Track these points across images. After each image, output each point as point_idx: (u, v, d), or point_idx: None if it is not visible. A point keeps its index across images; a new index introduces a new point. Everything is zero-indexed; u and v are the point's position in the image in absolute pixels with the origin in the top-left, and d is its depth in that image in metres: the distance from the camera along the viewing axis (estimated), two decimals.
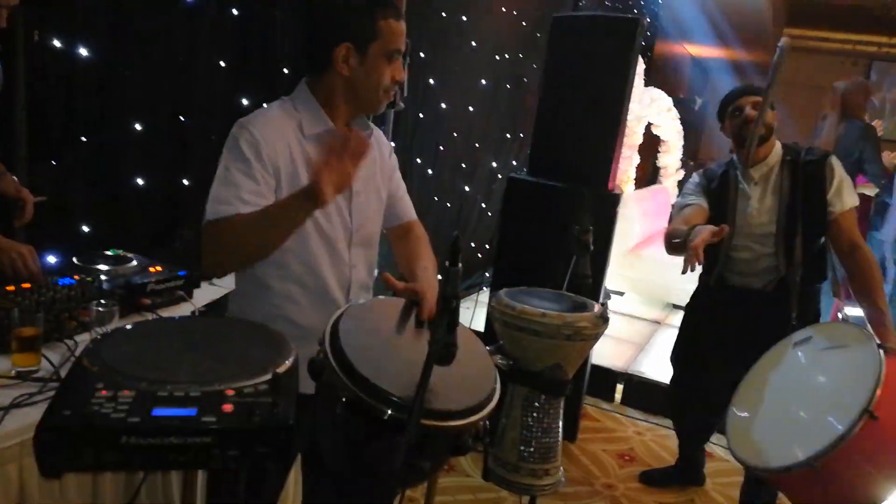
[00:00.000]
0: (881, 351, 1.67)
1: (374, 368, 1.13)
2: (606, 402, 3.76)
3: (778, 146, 2.36)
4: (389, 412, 1.08)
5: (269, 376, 1.00)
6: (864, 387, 1.60)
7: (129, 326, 1.15)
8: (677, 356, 2.76)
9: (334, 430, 1.17)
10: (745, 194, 2.35)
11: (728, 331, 2.43)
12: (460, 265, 1.14)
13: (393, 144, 1.75)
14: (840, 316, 3.49)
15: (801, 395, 1.82)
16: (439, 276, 1.48)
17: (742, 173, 2.38)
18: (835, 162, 2.30)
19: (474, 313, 3.63)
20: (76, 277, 1.88)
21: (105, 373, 0.95)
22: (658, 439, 3.40)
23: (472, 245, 5.02)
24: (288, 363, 1.06)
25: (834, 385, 1.76)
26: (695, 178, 2.55)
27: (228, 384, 0.96)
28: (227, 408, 0.91)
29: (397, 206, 1.70)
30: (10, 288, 1.72)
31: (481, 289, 4.88)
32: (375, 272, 1.66)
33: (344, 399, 1.11)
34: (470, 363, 1.31)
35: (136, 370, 0.96)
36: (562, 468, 1.76)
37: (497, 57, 4.75)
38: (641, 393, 3.75)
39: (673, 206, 2.58)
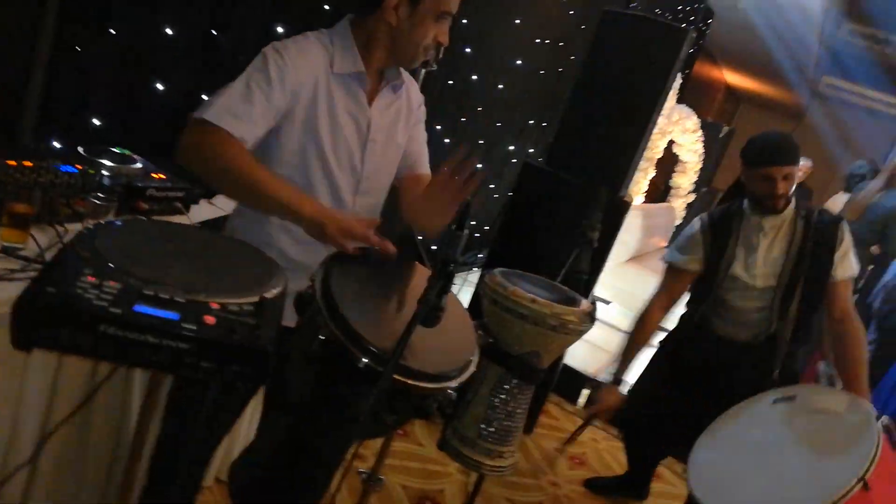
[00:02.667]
0: (879, 422, 1.65)
1: (359, 315, 1.13)
2: (569, 404, 3.78)
3: (792, 201, 2.30)
4: (365, 361, 1.08)
5: (256, 298, 0.99)
6: (859, 454, 1.56)
7: (127, 221, 1.13)
8: (642, 389, 2.71)
9: (307, 366, 1.17)
10: (750, 244, 2.29)
11: (704, 377, 2.40)
12: (466, 231, 1.14)
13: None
14: (820, 371, 3.51)
15: (784, 455, 1.75)
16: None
17: (752, 223, 2.30)
18: (846, 227, 2.27)
19: (460, 291, 3.64)
20: (78, 167, 1.86)
21: (94, 260, 0.94)
22: (612, 450, 3.44)
23: (473, 223, 5.01)
24: (277, 290, 1.05)
25: (824, 450, 1.70)
26: (695, 225, 2.42)
27: (215, 297, 0.95)
28: (210, 320, 0.91)
29: (412, 157, 1.67)
30: (12, 162, 1.70)
31: (472, 269, 4.88)
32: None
33: (322, 338, 1.11)
34: (453, 332, 1.31)
35: (126, 264, 0.95)
36: (516, 455, 1.77)
37: (538, 40, 4.69)
38: None
39: (667, 255, 2.50)
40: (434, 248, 3.66)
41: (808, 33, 8.29)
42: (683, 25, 6.61)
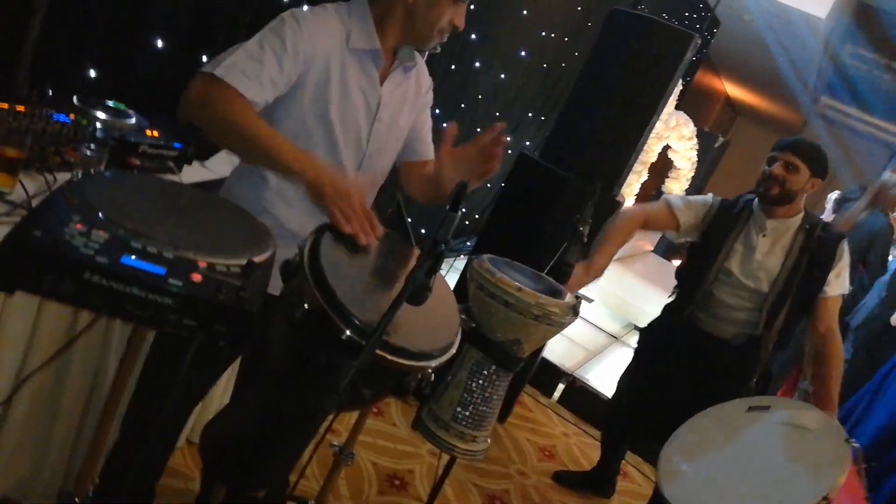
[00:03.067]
0: (849, 445, 1.67)
1: (346, 287, 1.13)
2: (544, 397, 3.81)
3: (802, 212, 2.32)
4: (348, 332, 1.08)
5: (244, 261, 0.99)
6: (826, 473, 1.60)
7: (119, 173, 1.12)
8: (627, 378, 2.75)
9: (289, 333, 1.17)
10: (750, 242, 2.32)
11: (684, 371, 2.43)
12: (459, 213, 1.14)
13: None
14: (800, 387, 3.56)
15: (752, 463, 1.80)
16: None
17: (757, 220, 2.34)
18: (846, 246, 2.31)
19: (445, 276, 3.65)
20: (72, 116, 1.84)
21: (84, 208, 0.93)
22: (582, 445, 3.47)
23: (463, 210, 5.00)
24: (265, 255, 1.05)
25: (791, 464, 1.75)
26: (710, 197, 2.48)
27: (203, 256, 0.95)
28: (196, 277, 0.90)
29: (419, 143, 1.68)
30: (4, 105, 1.67)
31: (458, 255, 4.88)
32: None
33: (307, 306, 1.10)
34: (438, 313, 1.31)
35: (116, 215, 0.94)
36: (489, 441, 1.78)
37: (543, 33, 4.68)
38: (579, 398, 3.81)
39: (670, 195, 2.54)
40: (423, 231, 3.66)
41: (812, 52, 8.33)
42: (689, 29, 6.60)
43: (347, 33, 1.43)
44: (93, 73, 2.22)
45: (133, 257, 0.88)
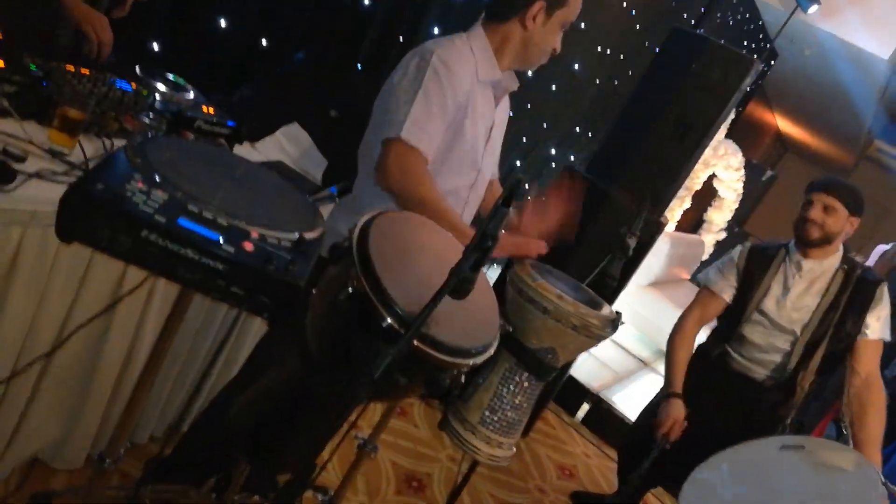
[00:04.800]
0: (885, 487, 1.63)
1: (391, 275, 1.11)
2: (567, 415, 3.76)
3: (840, 253, 2.27)
4: (389, 320, 1.07)
5: (295, 236, 0.98)
6: None
7: (179, 139, 1.13)
8: (648, 418, 2.67)
9: (330, 315, 1.16)
10: (786, 283, 2.28)
11: (714, 410, 2.35)
12: (511, 208, 1.12)
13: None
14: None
15: (782, 501, 1.76)
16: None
17: (794, 261, 2.29)
18: (886, 290, 2.24)
19: None
20: (133, 85, 1.87)
21: (145, 168, 0.94)
22: (602, 468, 3.41)
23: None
24: (316, 233, 1.04)
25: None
26: (735, 250, 2.42)
27: (256, 227, 0.95)
28: (248, 246, 0.90)
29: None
30: (70, 67, 1.71)
31: (492, 265, 4.85)
32: None
33: (351, 290, 1.09)
34: (480, 312, 1.29)
35: (176, 178, 0.95)
36: (514, 450, 1.75)
37: (599, 48, 4.64)
38: (603, 420, 3.74)
39: (703, 276, 2.49)
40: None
41: (870, 93, 8.13)
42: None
43: (475, 66, 1.51)
44: (156, 47, 2.26)
45: (189, 220, 0.88)
